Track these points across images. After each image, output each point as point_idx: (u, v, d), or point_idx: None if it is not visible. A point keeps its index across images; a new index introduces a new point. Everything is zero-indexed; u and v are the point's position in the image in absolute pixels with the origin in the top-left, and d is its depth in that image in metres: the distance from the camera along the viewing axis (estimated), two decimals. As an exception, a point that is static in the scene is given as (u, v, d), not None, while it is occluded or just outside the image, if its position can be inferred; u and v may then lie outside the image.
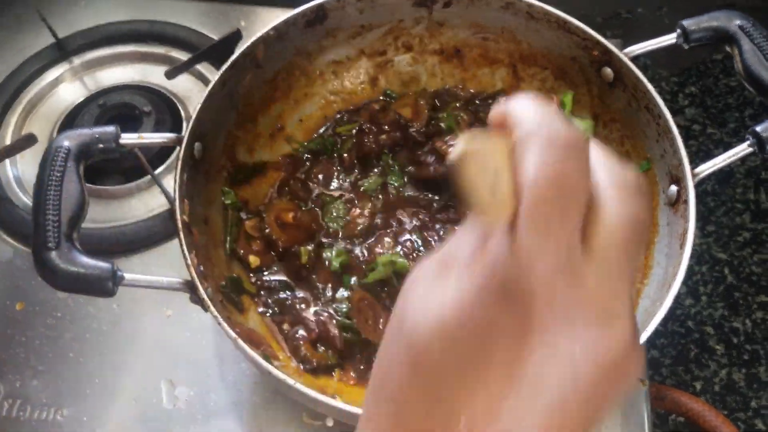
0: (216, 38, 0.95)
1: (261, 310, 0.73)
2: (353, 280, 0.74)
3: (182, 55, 1.00)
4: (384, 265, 0.72)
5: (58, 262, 0.56)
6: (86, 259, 0.57)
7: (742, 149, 0.65)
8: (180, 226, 0.63)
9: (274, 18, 0.75)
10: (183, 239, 0.62)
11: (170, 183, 0.68)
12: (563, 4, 0.75)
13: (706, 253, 1.17)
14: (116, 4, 1.07)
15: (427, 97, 0.84)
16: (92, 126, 0.88)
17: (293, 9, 0.76)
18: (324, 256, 0.75)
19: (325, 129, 0.84)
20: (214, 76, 0.71)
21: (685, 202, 0.65)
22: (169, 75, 0.91)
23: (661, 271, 0.67)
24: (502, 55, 0.83)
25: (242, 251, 0.74)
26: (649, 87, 0.69)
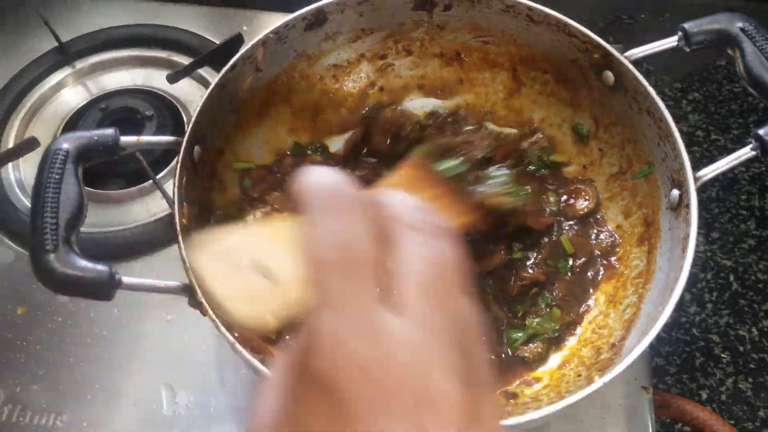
0: (218, 42, 0.95)
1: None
2: None
3: (184, 60, 1.00)
4: None
5: (56, 265, 0.55)
6: (84, 262, 0.56)
7: (745, 153, 0.64)
8: (179, 229, 0.63)
9: (276, 22, 0.75)
10: (182, 242, 0.62)
11: (171, 187, 0.68)
12: (565, 10, 0.75)
13: (711, 260, 1.16)
14: (119, 9, 1.08)
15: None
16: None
17: (294, 12, 0.76)
18: None
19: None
20: (214, 81, 0.71)
21: (687, 206, 0.64)
22: (171, 79, 0.91)
23: (663, 275, 0.66)
24: (503, 59, 0.82)
25: None
26: (650, 90, 0.69)
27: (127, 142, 0.64)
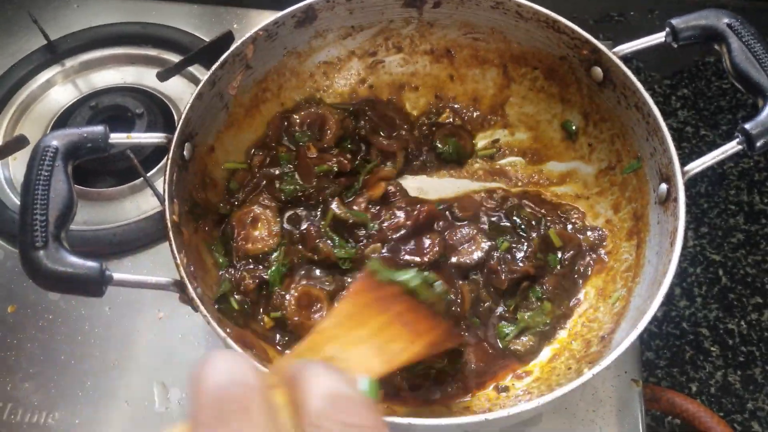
0: (208, 40, 0.95)
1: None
2: None
3: (174, 58, 1.00)
4: None
5: (45, 262, 0.55)
6: (74, 259, 0.56)
7: (731, 147, 0.65)
8: (169, 225, 0.63)
9: (266, 20, 0.75)
10: (172, 239, 0.62)
11: (162, 185, 0.68)
12: (554, 7, 0.76)
13: (700, 255, 1.17)
14: (108, 7, 1.07)
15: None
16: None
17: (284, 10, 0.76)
18: None
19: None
20: (204, 78, 0.71)
21: (675, 200, 0.65)
22: (161, 77, 0.91)
23: (651, 269, 0.67)
24: (493, 55, 0.83)
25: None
26: (638, 85, 0.69)
27: (117, 139, 0.64)
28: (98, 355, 0.79)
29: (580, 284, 0.75)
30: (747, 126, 0.64)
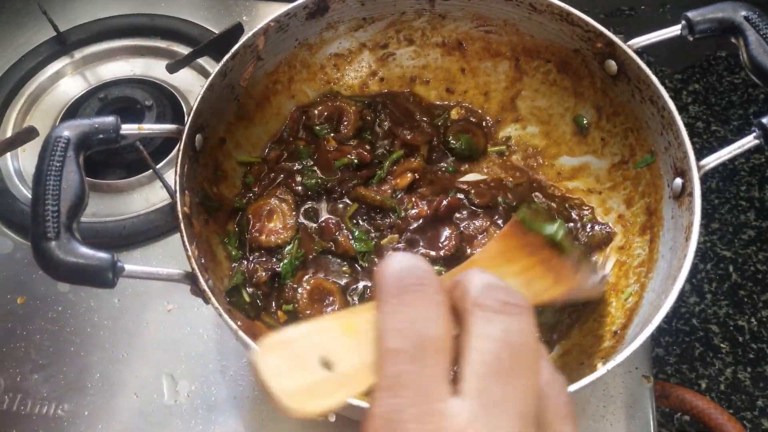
0: (217, 32, 0.95)
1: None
2: None
3: (183, 49, 1.00)
4: None
5: (57, 253, 0.55)
6: (86, 250, 0.56)
7: (748, 141, 0.64)
8: (181, 217, 0.63)
9: (275, 13, 0.75)
10: (184, 230, 0.62)
11: (172, 177, 0.67)
12: (565, 0, 0.75)
13: (710, 251, 1.17)
14: (117, -2, 1.07)
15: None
16: (93, 119, 0.88)
17: (295, 1, 0.76)
18: None
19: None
20: (215, 69, 0.71)
21: (690, 194, 0.64)
22: (171, 69, 0.91)
23: (665, 264, 0.66)
24: (505, 48, 0.82)
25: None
26: (653, 79, 0.68)
27: (129, 130, 0.63)
28: (107, 346, 0.79)
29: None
30: (764, 120, 0.63)
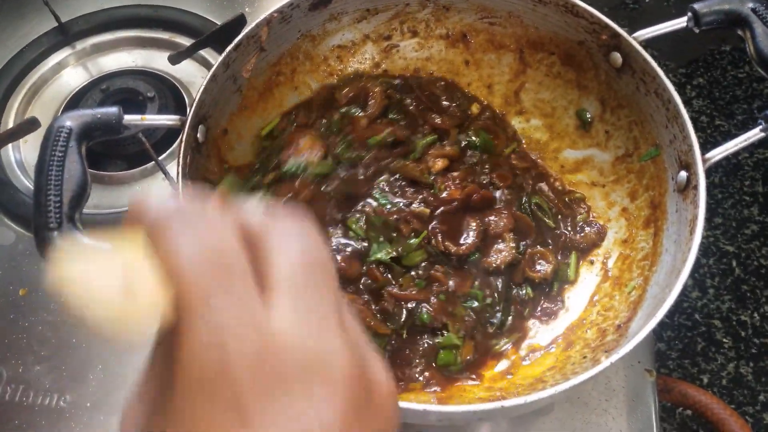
0: (219, 24, 0.94)
1: None
2: None
3: (186, 41, 0.99)
4: None
5: (59, 243, 0.55)
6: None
7: (755, 134, 0.64)
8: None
9: (279, 3, 0.74)
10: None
11: (174, 168, 0.67)
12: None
13: (713, 246, 1.16)
14: (119, -11, 1.06)
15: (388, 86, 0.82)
16: (95, 110, 0.88)
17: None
18: None
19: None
20: (218, 60, 0.70)
21: (695, 187, 0.64)
22: (173, 60, 0.90)
23: (669, 257, 0.66)
24: (509, 40, 0.82)
25: None
26: (659, 71, 0.68)
27: (131, 120, 0.63)
28: (109, 339, 0.79)
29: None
30: (770, 113, 0.63)
